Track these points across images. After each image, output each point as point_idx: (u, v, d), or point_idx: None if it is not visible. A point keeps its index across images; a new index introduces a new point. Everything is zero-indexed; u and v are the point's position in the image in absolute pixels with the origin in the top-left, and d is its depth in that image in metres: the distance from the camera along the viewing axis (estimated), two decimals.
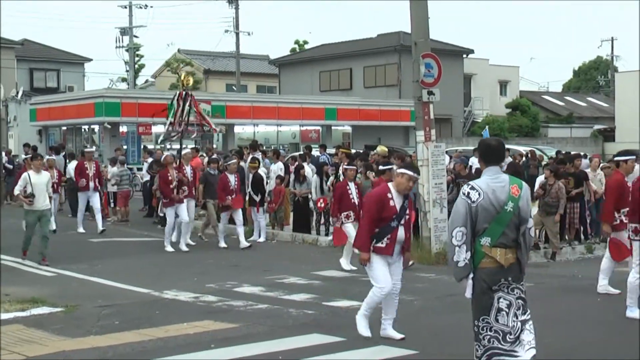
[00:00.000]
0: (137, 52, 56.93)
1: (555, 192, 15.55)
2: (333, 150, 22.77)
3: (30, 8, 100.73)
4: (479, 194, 6.35)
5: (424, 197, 15.14)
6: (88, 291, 11.79)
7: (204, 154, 23.82)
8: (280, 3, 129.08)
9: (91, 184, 19.26)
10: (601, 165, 17.85)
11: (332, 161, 19.38)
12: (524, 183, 6.56)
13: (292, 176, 19.01)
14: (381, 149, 17.78)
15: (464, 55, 50.63)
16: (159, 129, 35.94)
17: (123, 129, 35.53)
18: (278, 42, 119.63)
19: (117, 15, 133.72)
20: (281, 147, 35.77)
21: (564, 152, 25.28)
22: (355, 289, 11.99)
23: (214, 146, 32.25)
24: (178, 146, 33.78)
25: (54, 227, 18.07)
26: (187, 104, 18.95)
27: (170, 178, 16.35)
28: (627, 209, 10.10)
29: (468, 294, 6.49)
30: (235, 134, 38.89)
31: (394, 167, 12.99)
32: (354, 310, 10.40)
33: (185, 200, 16.50)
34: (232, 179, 16.77)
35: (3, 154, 27.26)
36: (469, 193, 6.42)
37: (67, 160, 23.65)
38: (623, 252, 10.75)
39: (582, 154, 20.10)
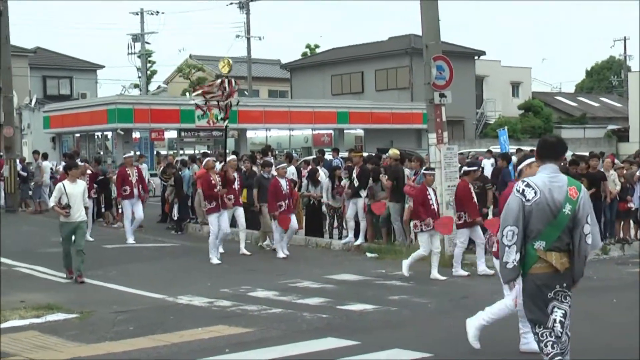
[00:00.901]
0: (149, 59, 57.12)
1: None
2: (346, 154, 22.76)
3: (43, 16, 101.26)
4: (535, 193, 5.93)
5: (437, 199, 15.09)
6: (103, 297, 11.83)
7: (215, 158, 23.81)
8: (291, 8, 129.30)
9: (135, 191, 18.43)
10: (615, 165, 17.79)
11: (344, 165, 19.36)
12: (582, 185, 6.21)
13: (305, 180, 19.02)
14: (393, 152, 17.76)
15: (476, 57, 50.53)
16: (171, 135, 36.13)
17: (136, 135, 35.64)
18: (289, 46, 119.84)
19: (129, 21, 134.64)
20: (294, 152, 35.80)
21: (577, 153, 25.15)
22: (369, 292, 12.00)
23: (227, 151, 32.27)
24: (191, 151, 34.01)
25: (89, 237, 17.72)
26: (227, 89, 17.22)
27: (213, 182, 15.62)
28: None
29: (517, 302, 6.19)
30: (248, 138, 38.93)
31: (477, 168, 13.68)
32: (367, 313, 10.41)
33: (230, 208, 15.94)
34: (284, 183, 16.03)
35: (17, 161, 27.42)
36: (523, 190, 5.98)
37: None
38: None
39: (598, 153, 19.92)
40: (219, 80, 17.30)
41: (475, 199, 13.79)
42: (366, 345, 8.58)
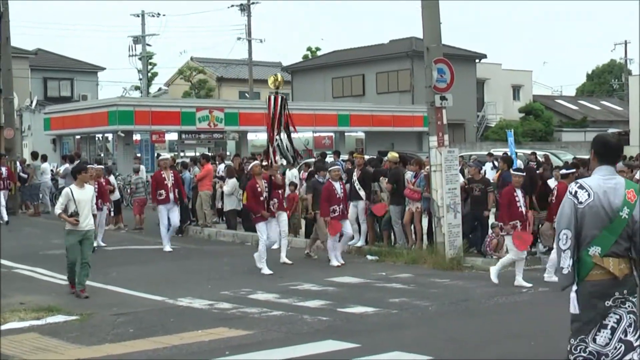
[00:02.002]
0: (150, 61, 57.17)
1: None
2: (346, 157, 22.74)
3: (44, 18, 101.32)
4: (589, 195, 5.52)
5: (438, 202, 15.11)
6: (103, 299, 11.81)
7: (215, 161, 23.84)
8: (292, 10, 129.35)
9: (171, 196, 17.44)
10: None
11: (345, 167, 19.36)
12: None
13: (304, 183, 19.02)
14: (392, 155, 17.75)
15: (477, 60, 50.56)
16: (172, 137, 36.14)
17: (136, 137, 35.65)
18: (290, 49, 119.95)
19: (130, 23, 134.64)
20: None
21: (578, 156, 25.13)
22: (370, 295, 11.99)
23: (227, 153, 32.33)
24: (192, 153, 33.99)
25: (101, 243, 17.71)
26: (282, 107, 16.29)
27: (259, 189, 14.63)
28: None
29: (574, 309, 5.71)
30: (249, 140, 38.94)
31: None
32: (368, 316, 10.41)
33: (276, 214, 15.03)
34: (339, 187, 15.33)
35: (17, 163, 27.42)
36: (576, 192, 5.57)
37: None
38: None
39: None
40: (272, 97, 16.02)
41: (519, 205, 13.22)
42: (367, 348, 8.57)
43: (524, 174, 13.77)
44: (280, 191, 15.32)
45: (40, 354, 8.52)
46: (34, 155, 27.56)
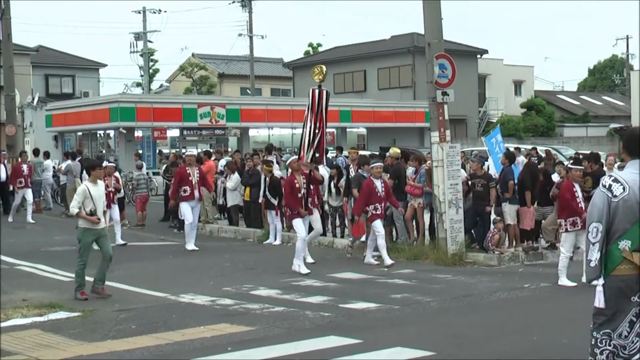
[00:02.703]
0: (151, 57, 57.19)
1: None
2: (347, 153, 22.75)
3: (45, 15, 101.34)
4: (624, 189, 5.42)
5: (440, 198, 15.11)
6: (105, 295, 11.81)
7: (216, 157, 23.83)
8: (293, 6, 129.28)
9: (196, 193, 16.90)
10: (619, 163, 17.72)
11: (345, 163, 19.36)
12: None
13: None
14: (393, 150, 17.75)
15: (478, 56, 50.52)
16: (174, 133, 36.15)
17: (138, 133, 35.65)
18: (292, 45, 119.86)
19: (131, 20, 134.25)
20: (296, 150, 35.78)
21: (579, 151, 25.09)
22: (372, 290, 12.00)
23: (229, 149, 32.32)
24: (194, 149, 34.01)
25: (120, 241, 17.54)
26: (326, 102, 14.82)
27: (297, 186, 14.12)
28: None
29: (599, 302, 5.58)
30: (250, 137, 38.94)
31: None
32: (370, 312, 10.41)
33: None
34: (379, 185, 14.76)
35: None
36: (610, 186, 5.49)
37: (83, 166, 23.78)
38: None
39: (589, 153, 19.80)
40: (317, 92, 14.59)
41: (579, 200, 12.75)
42: (369, 344, 8.57)
43: (582, 167, 13.38)
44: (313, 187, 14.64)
45: (42, 351, 8.52)
46: (36, 152, 27.55)
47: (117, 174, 19.39)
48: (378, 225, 14.51)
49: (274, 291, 11.98)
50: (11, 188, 23.91)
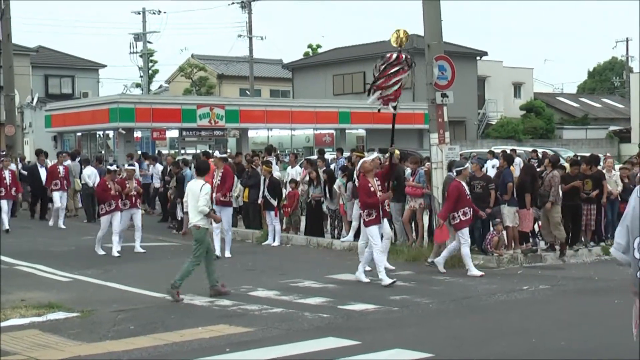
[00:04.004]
0: (150, 58, 57.18)
1: (549, 180, 15.46)
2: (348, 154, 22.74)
3: (45, 15, 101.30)
4: None
5: (439, 199, 15.10)
6: (104, 296, 11.82)
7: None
8: (293, 7, 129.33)
9: (214, 196, 15.57)
10: (620, 165, 17.77)
11: (345, 165, 19.35)
12: None
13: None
14: (395, 152, 17.74)
15: (478, 58, 50.51)
16: (173, 134, 36.15)
17: (137, 134, 35.65)
18: (291, 46, 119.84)
19: (131, 21, 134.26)
20: (295, 151, 35.82)
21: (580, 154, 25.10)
22: (370, 292, 11.99)
23: (228, 150, 32.32)
24: (193, 150, 33.96)
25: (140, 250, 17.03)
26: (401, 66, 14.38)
27: (372, 189, 12.88)
28: None
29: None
30: (249, 138, 38.94)
31: None
32: (369, 313, 10.41)
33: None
34: (467, 188, 14.12)
35: (18, 160, 27.38)
36: None
37: (82, 166, 23.71)
38: None
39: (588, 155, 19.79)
40: (394, 55, 14.17)
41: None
42: (367, 345, 8.57)
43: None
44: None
45: (40, 351, 8.52)
46: (45, 155, 27.30)
47: (138, 176, 19.18)
48: (466, 232, 13.81)
49: (273, 292, 11.97)
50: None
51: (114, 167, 17.36)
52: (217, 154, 16.96)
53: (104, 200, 16.49)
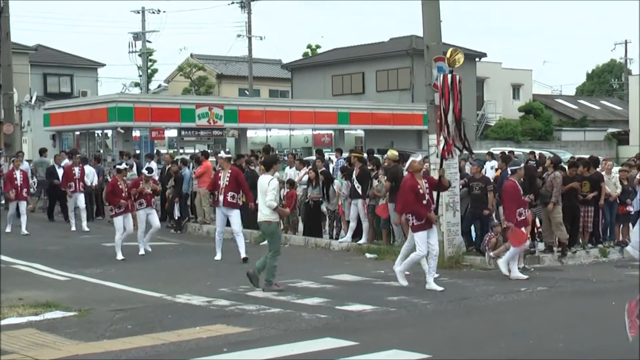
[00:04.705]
0: (150, 57, 57.11)
1: (550, 181, 15.46)
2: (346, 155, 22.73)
3: (44, 14, 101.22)
4: None
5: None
6: (101, 295, 11.82)
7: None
8: (292, 8, 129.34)
9: (221, 198, 15.43)
10: (619, 167, 17.77)
11: (343, 165, 19.36)
12: None
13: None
14: (391, 153, 17.76)
15: (477, 59, 50.51)
16: (172, 134, 36.13)
17: (136, 133, 35.61)
18: (290, 46, 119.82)
19: (130, 20, 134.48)
20: (294, 151, 35.81)
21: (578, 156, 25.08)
22: (368, 292, 12.00)
23: (227, 150, 32.29)
24: (192, 150, 33.93)
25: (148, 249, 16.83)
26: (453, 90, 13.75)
27: (421, 191, 12.31)
28: None
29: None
30: (248, 138, 38.93)
31: None
32: (366, 314, 10.41)
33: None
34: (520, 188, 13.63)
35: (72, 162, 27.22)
36: None
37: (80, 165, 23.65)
38: None
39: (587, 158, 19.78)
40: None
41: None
42: (364, 346, 8.57)
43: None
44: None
45: (38, 350, 8.51)
46: (70, 155, 27.03)
47: (155, 175, 18.84)
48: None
49: (271, 292, 11.97)
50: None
51: (123, 166, 17.09)
52: (222, 154, 16.63)
53: (115, 201, 16.06)
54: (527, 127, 51.12)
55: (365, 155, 19.31)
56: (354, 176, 16.96)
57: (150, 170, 16.79)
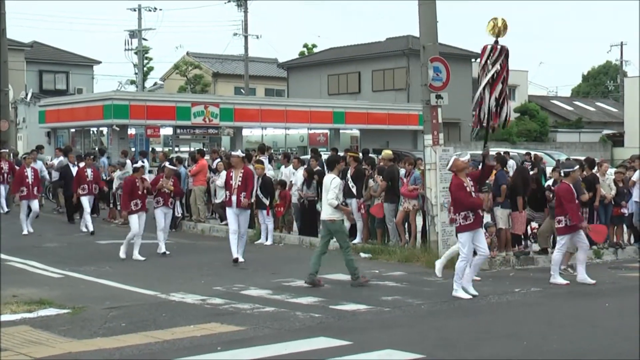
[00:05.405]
0: (146, 55, 57.06)
1: None
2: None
3: (40, 10, 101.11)
4: None
5: (432, 200, 15.13)
6: (95, 293, 11.81)
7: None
8: (289, 7, 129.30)
9: (234, 199, 15.04)
10: (614, 169, 17.79)
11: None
12: None
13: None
14: (386, 152, 17.78)
15: (473, 60, 50.50)
16: (167, 132, 36.10)
17: (131, 131, 35.59)
18: (287, 45, 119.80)
19: (126, 18, 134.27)
20: (289, 150, 35.79)
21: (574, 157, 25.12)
22: (362, 292, 12.00)
23: (222, 148, 32.29)
24: (187, 148, 33.87)
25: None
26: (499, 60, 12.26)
27: (468, 189, 11.74)
28: None
29: None
30: (243, 136, 38.91)
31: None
32: (360, 313, 10.41)
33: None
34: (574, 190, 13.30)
35: (12, 155, 27.27)
36: None
37: (75, 162, 23.62)
38: None
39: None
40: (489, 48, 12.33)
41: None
42: (358, 345, 8.57)
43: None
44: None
45: (31, 347, 8.50)
46: (65, 152, 26.83)
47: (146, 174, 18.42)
48: (566, 238, 13.15)
49: (265, 291, 11.97)
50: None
51: (139, 164, 16.76)
52: (239, 153, 16.14)
53: (130, 200, 15.61)
54: (522, 128, 51.17)
55: (360, 155, 19.31)
56: (348, 176, 16.96)
57: (135, 169, 16.60)
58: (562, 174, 13.80)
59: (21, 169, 20.12)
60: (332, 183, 12.59)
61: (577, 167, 13.94)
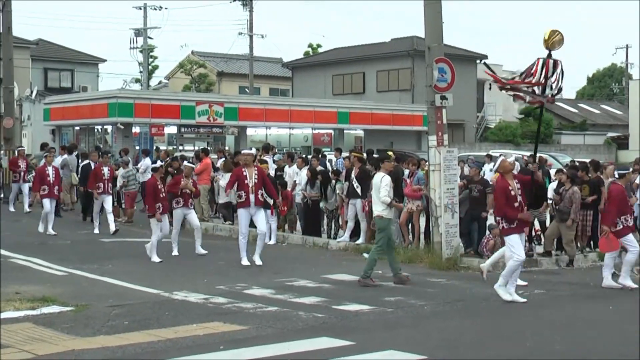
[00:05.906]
0: (151, 54, 57.13)
1: (569, 197, 15.47)
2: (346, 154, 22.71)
3: (46, 8, 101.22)
4: None
5: (436, 202, 15.11)
6: (98, 291, 11.81)
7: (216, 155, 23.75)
8: (294, 7, 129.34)
9: (252, 198, 14.66)
10: (618, 172, 17.71)
11: (343, 165, 19.34)
12: None
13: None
14: (355, 152, 17.82)
15: (478, 61, 50.55)
16: (171, 130, 36.13)
17: (136, 129, 35.63)
18: (291, 45, 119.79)
19: (132, 16, 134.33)
20: (293, 150, 35.79)
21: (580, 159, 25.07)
22: (365, 292, 12.00)
23: (226, 147, 32.31)
24: (191, 147, 33.87)
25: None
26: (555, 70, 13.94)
27: (513, 193, 11.46)
28: None
29: None
30: (248, 136, 38.93)
31: None
32: (363, 314, 10.41)
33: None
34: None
35: (16, 152, 27.28)
36: None
37: (80, 160, 23.67)
38: None
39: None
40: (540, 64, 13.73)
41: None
42: (361, 346, 8.56)
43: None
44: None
45: (34, 344, 8.51)
46: (69, 150, 26.77)
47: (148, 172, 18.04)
48: (631, 239, 12.77)
49: (268, 291, 11.97)
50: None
51: (158, 164, 16.55)
52: (252, 150, 15.95)
53: (155, 202, 15.23)
54: (526, 129, 51.16)
55: (364, 155, 19.30)
56: (353, 176, 16.96)
57: (155, 169, 16.42)
58: (617, 176, 13.53)
59: (42, 167, 19.79)
60: (382, 181, 12.87)
61: (631, 169, 14.02)
